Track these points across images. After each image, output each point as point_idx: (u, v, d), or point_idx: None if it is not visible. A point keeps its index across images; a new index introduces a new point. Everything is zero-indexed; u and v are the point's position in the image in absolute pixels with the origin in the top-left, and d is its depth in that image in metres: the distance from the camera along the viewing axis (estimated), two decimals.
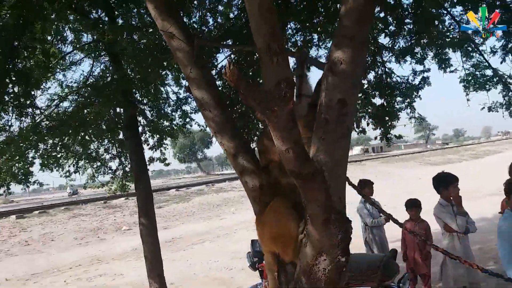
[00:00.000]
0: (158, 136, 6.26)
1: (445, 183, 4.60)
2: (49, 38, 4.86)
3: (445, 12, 4.96)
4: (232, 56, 4.93)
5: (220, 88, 4.38)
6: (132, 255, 11.64)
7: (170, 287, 8.01)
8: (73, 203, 21.07)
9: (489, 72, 5.30)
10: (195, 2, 4.84)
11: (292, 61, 2.50)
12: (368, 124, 5.51)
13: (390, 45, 5.19)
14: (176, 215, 18.65)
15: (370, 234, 5.95)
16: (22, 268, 11.13)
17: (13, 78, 3.64)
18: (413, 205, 5.60)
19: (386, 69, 5.30)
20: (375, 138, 5.55)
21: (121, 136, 5.82)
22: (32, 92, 4.09)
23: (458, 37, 4.99)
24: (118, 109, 5.28)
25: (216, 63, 5.09)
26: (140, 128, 6.02)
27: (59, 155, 5.15)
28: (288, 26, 4.79)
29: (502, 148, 58.45)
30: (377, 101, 5.40)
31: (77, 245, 14.15)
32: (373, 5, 1.78)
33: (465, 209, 4.68)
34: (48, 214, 18.41)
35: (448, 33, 5.11)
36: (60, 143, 4.86)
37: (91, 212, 19.11)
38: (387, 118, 5.31)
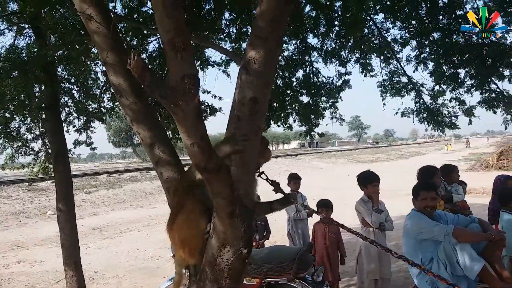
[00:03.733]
0: (85, 118, 5.98)
1: (366, 181, 4.87)
2: None
3: (368, 18, 5.19)
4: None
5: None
6: (56, 241, 10.93)
7: (93, 275, 7.81)
8: None
9: (404, 79, 5.59)
10: None
11: None
12: (294, 121, 5.67)
13: (319, 46, 5.35)
14: (105, 201, 18.03)
15: (293, 226, 6.13)
16: None
17: None
18: (323, 206, 5.44)
19: (314, 69, 5.49)
20: (300, 135, 5.74)
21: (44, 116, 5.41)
22: None
23: (379, 43, 5.28)
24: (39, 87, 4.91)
25: (147, 47, 4.97)
26: (66, 109, 5.72)
27: None
28: (223, 17, 4.74)
29: (426, 150, 63.53)
30: (304, 99, 5.57)
31: None
32: (287, 8, 1.82)
33: (387, 207, 5.03)
34: None
35: (373, 39, 5.37)
36: None
37: (13, 194, 17.86)
38: (312, 116, 5.50)
